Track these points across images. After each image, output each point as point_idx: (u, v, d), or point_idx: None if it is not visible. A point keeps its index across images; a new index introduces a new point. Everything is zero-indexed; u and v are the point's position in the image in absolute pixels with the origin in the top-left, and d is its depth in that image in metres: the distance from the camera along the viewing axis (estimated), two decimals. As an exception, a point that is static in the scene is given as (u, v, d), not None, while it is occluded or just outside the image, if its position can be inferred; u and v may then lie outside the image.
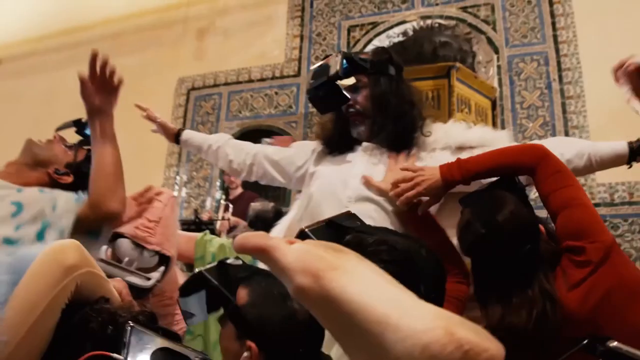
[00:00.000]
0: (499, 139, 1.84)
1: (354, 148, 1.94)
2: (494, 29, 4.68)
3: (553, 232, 1.46)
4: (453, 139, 1.85)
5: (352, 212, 1.54)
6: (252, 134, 5.59)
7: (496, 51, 4.61)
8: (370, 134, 1.90)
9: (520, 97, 4.40)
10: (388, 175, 1.77)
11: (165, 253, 2.12)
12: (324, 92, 1.85)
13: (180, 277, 2.55)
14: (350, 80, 1.83)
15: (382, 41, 5.09)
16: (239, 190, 5.09)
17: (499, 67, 4.55)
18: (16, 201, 1.60)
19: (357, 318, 0.52)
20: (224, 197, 5.26)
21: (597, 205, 3.85)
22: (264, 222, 2.81)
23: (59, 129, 2.14)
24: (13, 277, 0.87)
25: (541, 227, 1.47)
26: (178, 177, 5.51)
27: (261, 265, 1.11)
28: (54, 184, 1.84)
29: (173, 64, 5.98)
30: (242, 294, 1.19)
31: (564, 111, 4.22)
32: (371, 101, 1.87)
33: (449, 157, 1.78)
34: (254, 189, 5.04)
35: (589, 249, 1.31)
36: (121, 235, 2.16)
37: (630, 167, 1.68)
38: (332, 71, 1.79)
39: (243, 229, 3.14)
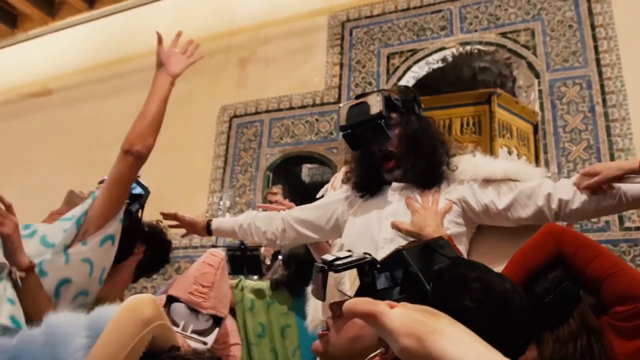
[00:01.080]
0: (525, 172, 1.85)
1: (383, 189, 1.96)
2: (534, 53, 4.68)
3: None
4: (480, 172, 1.86)
5: (445, 238, 1.59)
6: (293, 160, 5.69)
7: (537, 76, 4.60)
8: (403, 177, 1.92)
9: (562, 121, 4.37)
10: (415, 217, 1.79)
11: (219, 315, 2.20)
12: (362, 130, 1.88)
13: (230, 322, 2.65)
14: (380, 109, 1.84)
15: (422, 68, 5.14)
16: (281, 216, 5.15)
17: (540, 91, 4.54)
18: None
19: None
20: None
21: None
22: (297, 260, 2.88)
23: (101, 182, 2.29)
24: (90, 340, 0.90)
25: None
26: (221, 203, 5.60)
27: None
28: None
29: (215, 92, 6.13)
30: None
31: (609, 134, 4.17)
32: (404, 140, 1.89)
33: (469, 190, 1.83)
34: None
35: (637, 309, 1.30)
36: (176, 300, 2.25)
37: None
38: (374, 110, 1.84)
39: (278, 267, 3.22)
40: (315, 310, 2.08)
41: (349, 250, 1.17)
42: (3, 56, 8.14)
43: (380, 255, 1.25)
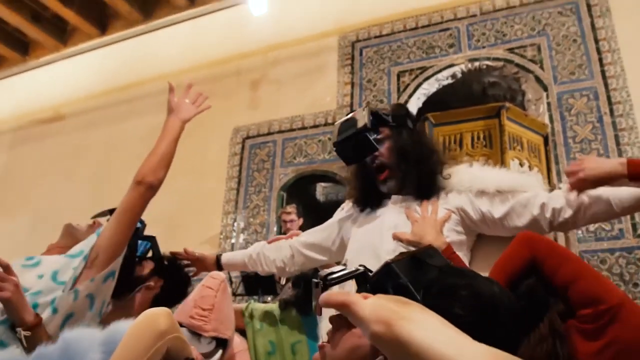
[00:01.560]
0: (519, 183, 1.92)
1: (383, 202, 2.04)
2: (541, 67, 4.80)
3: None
4: (475, 184, 1.94)
5: (443, 246, 1.66)
6: (307, 180, 5.76)
7: (545, 89, 4.71)
8: (400, 186, 2.00)
9: (572, 132, 4.47)
10: (415, 227, 1.86)
11: (221, 337, 2.22)
12: (351, 144, 1.99)
13: (240, 342, 2.70)
14: (368, 123, 1.93)
15: (432, 84, 5.25)
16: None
17: (548, 103, 4.64)
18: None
19: (421, 357, 0.67)
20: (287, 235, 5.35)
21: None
22: (305, 280, 2.89)
23: (96, 216, 2.45)
24: (106, 351, 0.96)
25: None
26: (235, 224, 5.67)
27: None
28: None
29: (228, 114, 6.22)
30: None
31: (618, 143, 4.27)
32: (394, 152, 1.99)
33: (467, 199, 1.91)
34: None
35: (597, 312, 1.38)
36: (179, 325, 2.30)
37: None
38: (361, 124, 1.94)
39: (288, 288, 3.28)
40: (326, 328, 2.17)
41: (344, 264, 1.22)
42: (15, 83, 8.28)
43: None
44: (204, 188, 6.02)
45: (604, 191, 1.72)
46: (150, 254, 2.43)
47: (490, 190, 1.90)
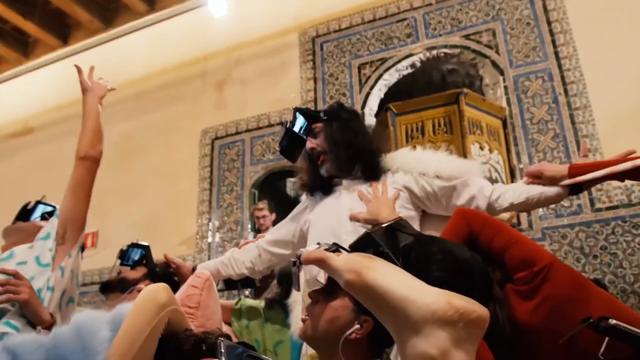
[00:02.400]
0: (457, 169, 2.10)
1: (335, 189, 2.21)
2: (497, 52, 4.91)
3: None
4: (418, 166, 2.12)
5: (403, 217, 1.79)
6: (277, 176, 5.84)
7: (501, 73, 4.82)
8: (337, 167, 2.17)
9: (529, 114, 4.59)
10: (369, 206, 1.99)
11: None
12: (287, 142, 2.22)
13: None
14: (300, 121, 2.17)
15: (392, 75, 5.34)
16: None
17: (505, 87, 4.76)
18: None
19: (387, 298, 0.85)
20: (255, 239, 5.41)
21: (615, 207, 4.03)
22: (288, 278, 2.99)
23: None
24: (113, 329, 1.02)
25: None
26: (210, 224, 5.73)
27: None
28: None
29: (196, 116, 6.29)
30: None
31: (573, 122, 4.40)
32: (327, 141, 2.17)
33: (412, 178, 2.10)
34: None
35: (531, 273, 1.52)
36: None
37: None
38: (288, 124, 2.20)
39: (273, 287, 3.35)
40: (296, 319, 2.27)
41: (318, 243, 1.34)
42: (-19, 99, 8.23)
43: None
44: (178, 190, 6.07)
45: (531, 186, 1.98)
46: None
47: (431, 174, 2.09)
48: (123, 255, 2.65)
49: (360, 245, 1.29)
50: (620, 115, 4.21)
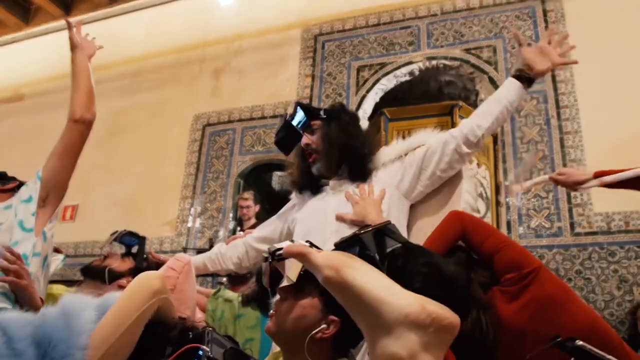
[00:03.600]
0: (421, 138, 2.14)
1: (323, 189, 2.20)
2: (495, 69, 4.95)
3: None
4: (396, 152, 2.15)
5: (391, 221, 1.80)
6: (264, 168, 5.84)
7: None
8: (327, 167, 2.16)
9: (520, 133, 4.63)
10: (356, 207, 2.01)
11: (180, 316, 2.31)
12: (283, 134, 2.20)
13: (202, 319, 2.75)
14: (300, 116, 2.16)
15: (390, 80, 5.36)
16: (252, 221, 5.25)
17: (500, 104, 4.78)
18: None
19: (363, 297, 0.88)
20: (238, 227, 5.43)
21: (594, 233, 4.06)
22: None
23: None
24: (99, 313, 1.04)
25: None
26: (192, 209, 5.72)
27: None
28: None
29: (190, 101, 6.28)
30: None
31: (562, 145, 4.44)
32: (323, 140, 2.15)
33: (398, 166, 2.11)
34: (267, 220, 5.24)
35: (520, 275, 1.57)
36: None
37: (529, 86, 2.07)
38: (288, 116, 2.17)
39: (251, 284, 3.33)
40: None
41: (291, 241, 1.34)
42: (-24, 61, 8.16)
43: (328, 246, 1.45)
44: (164, 172, 6.05)
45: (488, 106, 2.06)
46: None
47: (401, 155, 2.14)
48: (116, 238, 2.59)
49: (347, 245, 1.30)
50: (610, 143, 4.25)
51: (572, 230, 4.15)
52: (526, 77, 2.04)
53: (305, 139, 2.15)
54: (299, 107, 2.17)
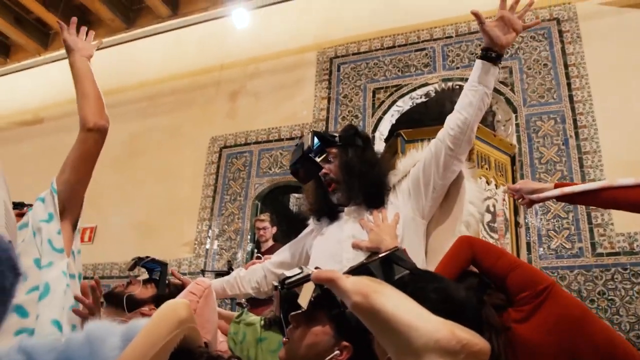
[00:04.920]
0: (415, 156, 2.15)
1: (339, 216, 2.20)
2: (512, 90, 4.96)
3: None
4: (400, 172, 2.16)
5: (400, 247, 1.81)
6: (281, 190, 5.86)
7: (514, 110, 4.86)
8: (347, 197, 2.15)
9: (538, 153, 4.62)
10: (371, 235, 2.02)
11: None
12: (301, 165, 2.18)
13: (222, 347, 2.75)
14: (315, 145, 2.13)
15: (406, 102, 5.39)
16: (270, 243, 5.27)
17: (517, 125, 4.80)
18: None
19: (392, 323, 0.88)
20: (255, 249, 5.44)
21: (617, 254, 4.03)
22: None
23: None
24: (125, 340, 1.04)
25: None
26: (210, 231, 5.74)
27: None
28: None
29: (206, 124, 6.34)
30: None
31: (581, 165, 4.43)
32: (341, 168, 2.14)
33: (405, 186, 2.11)
34: (284, 241, 5.25)
35: (535, 292, 1.57)
36: None
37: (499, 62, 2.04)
38: (305, 147, 2.14)
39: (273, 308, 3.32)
40: None
41: (300, 268, 1.35)
42: (-5, 85, 8.30)
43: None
44: (181, 194, 6.09)
45: (466, 96, 2.09)
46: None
47: (405, 172, 2.15)
48: (138, 264, 2.58)
49: (356, 275, 1.31)
50: (629, 163, 4.23)
51: (594, 251, 4.12)
52: (494, 54, 2.01)
53: (324, 168, 2.15)
54: (315, 136, 2.16)
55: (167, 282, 2.48)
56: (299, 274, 1.38)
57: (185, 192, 6.07)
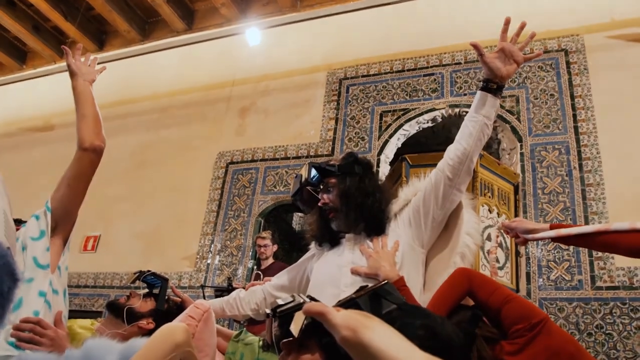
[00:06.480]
0: (416, 186, 2.19)
1: (340, 242, 2.23)
2: (518, 119, 4.98)
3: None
4: (402, 200, 2.20)
5: (396, 278, 1.83)
6: (285, 208, 5.89)
7: (520, 139, 4.88)
8: (346, 225, 2.18)
9: (542, 183, 4.63)
10: (370, 261, 2.04)
11: None
12: (300, 197, 2.26)
13: None
14: (314, 177, 2.20)
15: (412, 126, 5.42)
16: (270, 260, 5.28)
17: (522, 154, 4.81)
18: None
19: (379, 358, 0.88)
20: (255, 266, 5.46)
21: (616, 288, 4.02)
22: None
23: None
24: (122, 359, 1.07)
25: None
26: (212, 246, 5.76)
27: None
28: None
29: (215, 139, 6.39)
30: None
31: (584, 197, 4.43)
32: (340, 198, 2.17)
33: (406, 215, 2.14)
34: (285, 260, 5.28)
35: (529, 325, 1.59)
36: None
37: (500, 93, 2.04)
38: (303, 179, 2.21)
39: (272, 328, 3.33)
40: None
41: (292, 296, 1.38)
42: (9, 90, 8.41)
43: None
44: (186, 207, 6.12)
45: (466, 126, 2.05)
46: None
47: (408, 201, 2.18)
48: (139, 278, 2.62)
49: (345, 308, 1.34)
50: (632, 197, 4.23)
51: (593, 284, 4.10)
52: (495, 86, 2.02)
53: (322, 198, 2.18)
54: (313, 168, 2.21)
55: (166, 297, 2.52)
56: (291, 302, 1.41)
57: (190, 206, 6.11)
